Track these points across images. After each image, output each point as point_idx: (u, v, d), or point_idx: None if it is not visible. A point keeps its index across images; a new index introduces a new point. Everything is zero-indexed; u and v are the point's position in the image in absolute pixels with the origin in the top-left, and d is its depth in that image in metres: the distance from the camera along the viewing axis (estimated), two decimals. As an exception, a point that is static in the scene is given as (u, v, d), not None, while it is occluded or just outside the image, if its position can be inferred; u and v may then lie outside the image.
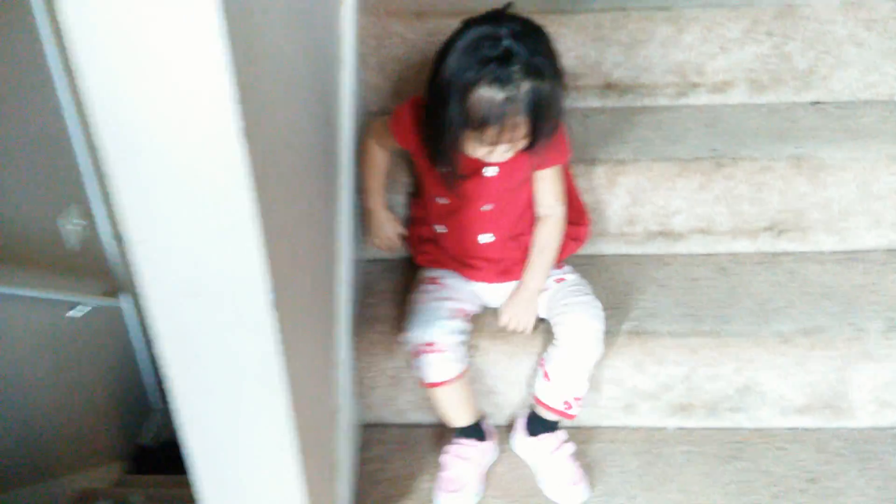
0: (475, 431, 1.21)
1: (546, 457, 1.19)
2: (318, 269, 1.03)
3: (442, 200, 1.22)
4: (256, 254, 0.67)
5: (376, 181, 1.29)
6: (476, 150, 1.08)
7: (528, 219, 1.23)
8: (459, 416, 1.19)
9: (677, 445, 1.26)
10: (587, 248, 1.38)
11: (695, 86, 1.50)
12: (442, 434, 1.28)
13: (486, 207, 1.20)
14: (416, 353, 1.14)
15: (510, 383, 1.26)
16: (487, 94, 1.00)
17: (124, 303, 2.91)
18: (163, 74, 0.57)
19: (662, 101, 1.51)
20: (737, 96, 1.50)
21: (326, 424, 1.08)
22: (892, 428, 1.29)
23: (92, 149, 2.63)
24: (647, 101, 1.51)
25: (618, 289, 1.32)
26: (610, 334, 1.22)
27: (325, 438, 1.05)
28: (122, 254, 2.86)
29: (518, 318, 1.21)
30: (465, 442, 1.20)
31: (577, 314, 1.16)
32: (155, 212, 0.64)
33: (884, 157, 1.32)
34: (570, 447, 1.20)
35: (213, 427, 0.79)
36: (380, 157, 1.28)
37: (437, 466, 1.21)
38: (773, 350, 1.21)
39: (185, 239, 0.66)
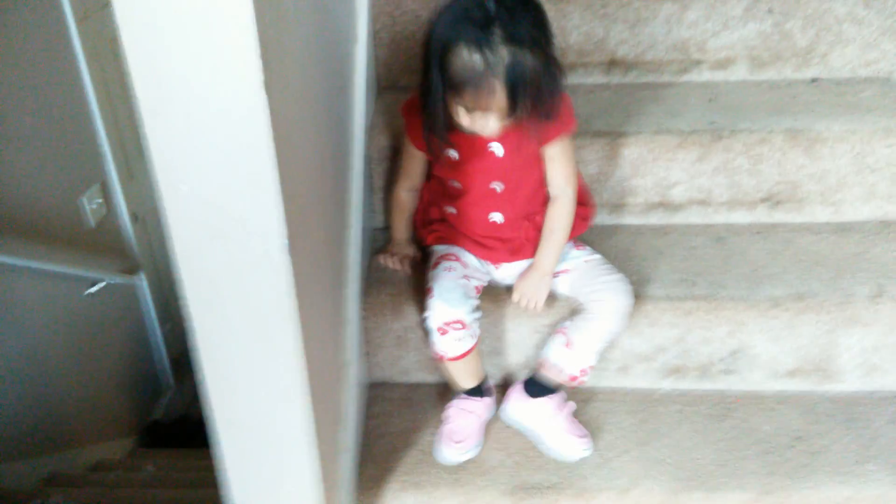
0: (478, 391, 1.27)
1: (549, 417, 1.24)
2: (330, 229, 1.09)
3: (453, 182, 1.25)
4: (274, 200, 0.73)
5: (404, 221, 1.37)
6: (462, 118, 1.11)
7: (540, 199, 1.26)
8: (467, 382, 1.26)
9: (671, 405, 1.32)
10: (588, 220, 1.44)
11: (697, 63, 1.55)
12: (444, 393, 1.34)
13: (496, 186, 1.23)
14: (443, 330, 1.17)
15: (511, 344, 1.32)
16: (465, 56, 1.03)
17: (141, 281, 2.99)
18: (194, 27, 0.63)
19: (665, 78, 1.56)
20: (738, 73, 1.55)
21: (336, 376, 1.14)
22: (879, 391, 1.34)
23: (113, 130, 2.71)
24: (650, 78, 1.56)
25: (617, 256, 1.37)
26: (608, 297, 1.28)
27: (334, 389, 1.12)
28: (139, 233, 2.95)
29: (529, 295, 1.25)
30: (468, 397, 1.26)
31: (613, 292, 1.21)
32: (183, 159, 0.70)
33: (880, 129, 1.36)
34: (572, 405, 1.26)
35: (229, 363, 0.85)
36: (407, 205, 1.35)
37: (440, 422, 1.28)
38: (764, 313, 1.26)
39: (210, 185, 0.72)
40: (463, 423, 1.24)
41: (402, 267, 1.35)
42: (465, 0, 1.05)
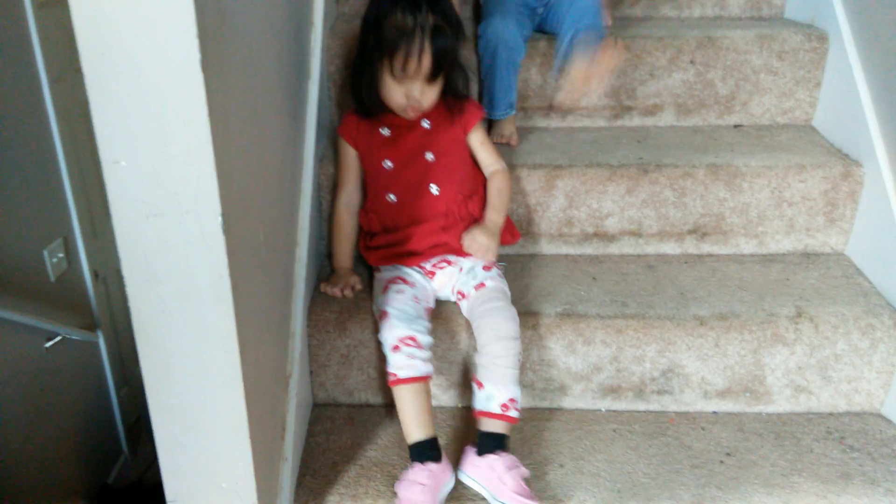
0: (430, 451, 1.19)
1: (500, 475, 1.17)
2: (278, 238, 1.14)
3: (389, 164, 1.38)
4: (209, 174, 0.78)
5: (345, 245, 1.44)
6: (393, 91, 1.30)
7: (471, 184, 1.41)
8: (417, 428, 1.20)
9: (606, 424, 1.36)
10: (529, 249, 1.52)
11: (628, 109, 1.67)
12: (388, 412, 1.37)
13: (430, 157, 1.37)
14: (397, 347, 1.20)
15: (452, 363, 1.36)
16: (399, 18, 1.25)
17: (101, 339, 2.97)
18: (137, 7, 0.70)
19: (600, 122, 1.67)
20: (666, 119, 1.67)
21: (279, 386, 1.17)
22: (807, 413, 1.39)
23: (79, 187, 2.76)
24: (586, 122, 1.68)
25: (554, 280, 1.44)
26: (543, 316, 1.33)
27: (276, 396, 1.14)
28: (99, 292, 2.96)
29: (478, 240, 1.34)
30: (417, 467, 1.18)
31: (492, 318, 1.25)
32: (123, 133, 0.76)
33: (794, 165, 1.47)
34: (524, 471, 1.19)
35: (163, 345, 0.88)
36: (347, 224, 1.43)
37: (383, 438, 1.30)
38: (691, 332, 1.33)
39: (149, 160, 0.78)
40: (417, 497, 1.14)
41: (344, 295, 1.39)
42: None
